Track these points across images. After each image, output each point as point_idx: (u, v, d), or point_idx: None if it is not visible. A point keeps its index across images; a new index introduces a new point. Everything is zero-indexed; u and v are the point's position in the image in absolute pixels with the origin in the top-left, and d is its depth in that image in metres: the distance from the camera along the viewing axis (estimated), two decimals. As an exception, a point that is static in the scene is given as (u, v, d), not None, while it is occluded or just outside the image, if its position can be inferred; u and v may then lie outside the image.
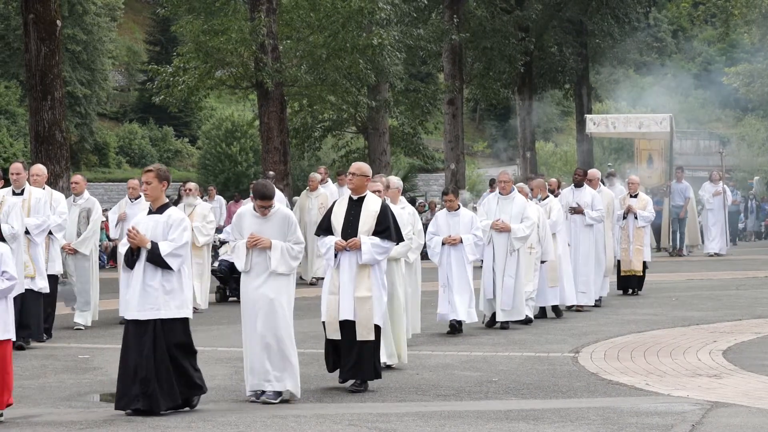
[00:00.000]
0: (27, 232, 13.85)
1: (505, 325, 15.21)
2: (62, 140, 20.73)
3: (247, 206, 10.61)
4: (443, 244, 14.49)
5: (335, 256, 10.81)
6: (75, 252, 15.69)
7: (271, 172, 23.41)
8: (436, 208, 16.02)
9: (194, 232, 17.04)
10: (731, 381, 10.93)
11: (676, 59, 64.60)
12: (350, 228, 10.82)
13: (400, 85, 33.89)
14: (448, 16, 34.45)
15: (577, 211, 17.56)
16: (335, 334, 10.75)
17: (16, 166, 14.26)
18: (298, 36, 28.23)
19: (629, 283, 19.62)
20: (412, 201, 37.29)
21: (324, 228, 11.05)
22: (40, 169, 14.79)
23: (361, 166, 11.13)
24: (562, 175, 38.88)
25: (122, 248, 9.88)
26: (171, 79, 27.32)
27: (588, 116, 31.86)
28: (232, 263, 18.10)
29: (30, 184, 14.28)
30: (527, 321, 15.63)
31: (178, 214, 9.92)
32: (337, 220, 10.94)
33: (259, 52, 26.21)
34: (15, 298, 9.72)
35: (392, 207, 11.96)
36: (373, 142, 32.90)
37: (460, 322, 14.60)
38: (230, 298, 19.30)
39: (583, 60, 40.39)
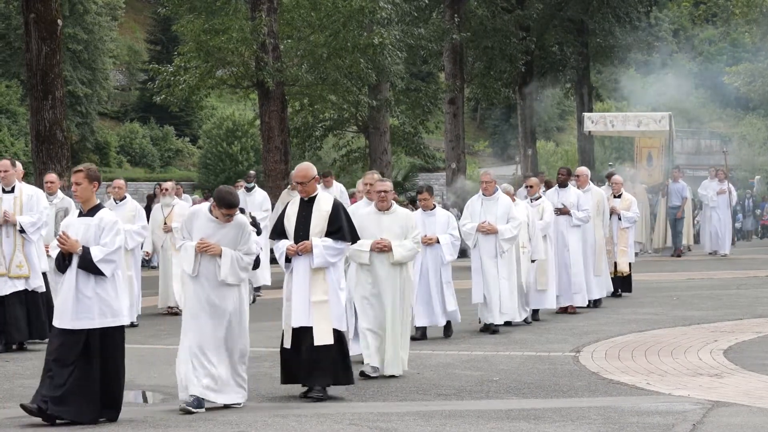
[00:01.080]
0: (22, 231, 13.75)
1: (495, 329, 14.78)
2: (63, 140, 20.73)
3: (202, 207, 10.23)
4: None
5: (289, 260, 10.42)
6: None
7: (252, 171, 22.59)
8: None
9: (174, 234, 16.82)
10: (732, 380, 10.92)
11: (677, 58, 64.57)
12: (302, 230, 10.40)
13: (401, 85, 33.89)
14: (449, 15, 34.44)
15: (562, 211, 16.97)
16: (289, 343, 10.37)
17: (4, 163, 14.01)
18: (299, 35, 28.23)
19: (613, 286, 18.85)
20: (412, 200, 37.32)
21: (278, 232, 10.63)
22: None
23: (306, 172, 10.56)
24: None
25: (53, 252, 9.49)
26: (172, 78, 27.32)
27: (586, 114, 31.48)
28: None
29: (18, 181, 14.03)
30: (526, 322, 15.58)
31: (110, 216, 9.48)
32: (290, 223, 10.52)
33: (260, 51, 26.21)
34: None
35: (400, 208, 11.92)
36: (374, 142, 32.91)
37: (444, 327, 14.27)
38: None
39: (584, 59, 40.39)
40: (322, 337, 10.21)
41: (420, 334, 14.03)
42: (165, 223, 17.68)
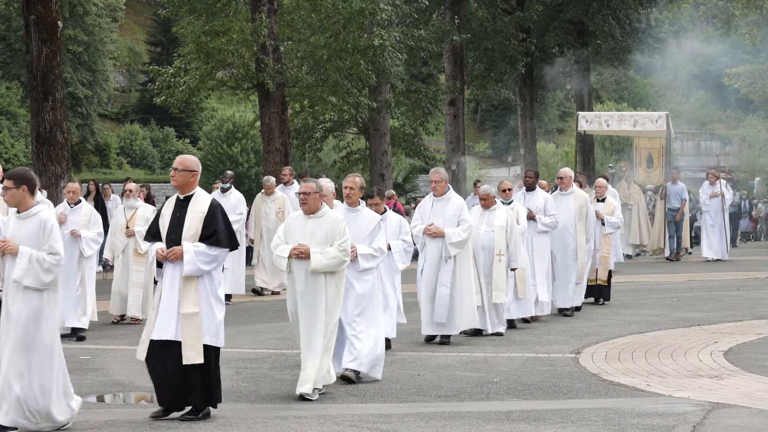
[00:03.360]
0: None
1: (445, 340, 13.79)
2: (63, 141, 20.75)
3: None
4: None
5: (160, 266, 9.39)
6: None
7: (229, 172, 21.39)
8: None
9: (137, 238, 16.19)
10: (732, 382, 10.92)
11: (677, 60, 64.59)
12: (174, 233, 9.37)
13: (401, 86, 33.92)
14: (449, 17, 34.47)
15: (528, 216, 15.73)
16: (143, 355, 9.35)
17: None
18: (300, 37, 28.26)
19: (592, 293, 17.95)
20: (408, 201, 37.33)
21: (152, 233, 9.60)
22: None
23: (185, 160, 9.63)
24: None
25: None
26: (172, 80, 27.33)
27: (580, 113, 30.25)
28: None
29: None
30: (497, 334, 14.46)
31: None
32: (164, 224, 9.48)
33: (260, 53, 26.22)
34: None
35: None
36: (374, 143, 32.94)
37: (388, 339, 12.78)
38: None
39: (584, 61, 40.41)
40: (190, 356, 9.16)
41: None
42: (127, 227, 16.47)
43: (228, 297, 19.06)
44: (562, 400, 10.26)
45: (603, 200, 18.35)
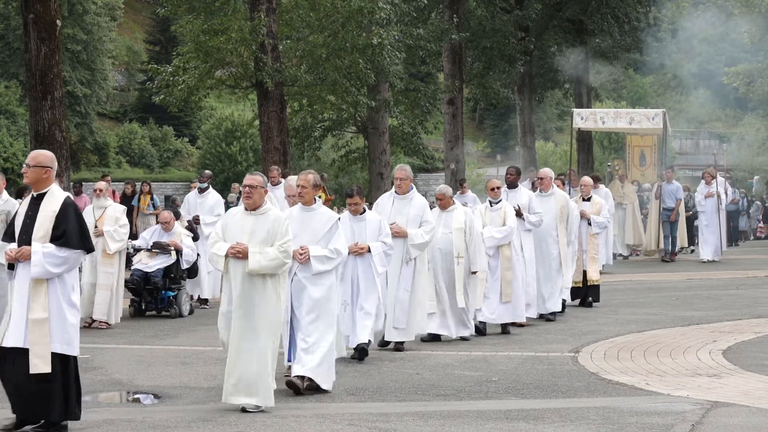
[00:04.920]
0: None
1: (399, 346, 13.25)
2: (62, 140, 20.70)
3: None
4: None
5: (12, 267, 8.94)
6: None
7: (207, 171, 20.72)
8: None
9: (105, 238, 15.97)
10: (731, 381, 10.93)
11: (676, 59, 64.64)
12: (25, 233, 8.89)
13: (400, 85, 33.92)
14: (448, 15, 34.45)
15: (517, 213, 15.26)
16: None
17: None
18: (298, 36, 28.23)
19: (578, 295, 17.64)
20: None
21: (9, 233, 9.13)
22: None
23: (38, 155, 9.10)
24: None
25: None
26: (171, 78, 27.31)
27: (575, 110, 29.69)
28: (146, 273, 17.15)
29: None
30: (465, 339, 13.92)
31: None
32: (18, 223, 9.04)
33: (259, 51, 26.20)
34: None
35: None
36: (372, 142, 32.94)
37: (366, 346, 12.40)
38: (147, 312, 17.37)
39: (582, 59, 40.40)
40: (37, 364, 8.60)
41: (357, 355, 12.44)
42: (96, 227, 15.95)
43: (205, 301, 18.79)
44: (561, 398, 10.26)
45: (589, 199, 17.97)
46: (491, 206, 14.99)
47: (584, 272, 17.61)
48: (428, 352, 13.18)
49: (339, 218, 11.11)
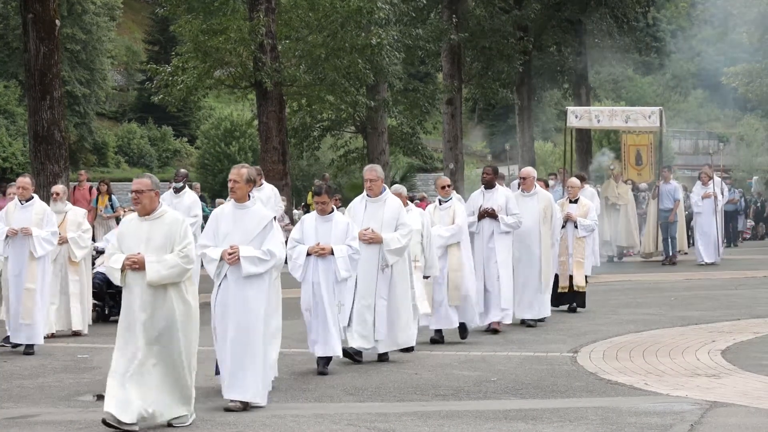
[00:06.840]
0: None
1: (384, 357, 12.52)
2: (61, 140, 20.72)
3: None
4: (308, 254, 11.56)
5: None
6: None
7: (182, 170, 19.74)
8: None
9: (70, 245, 15.32)
10: (730, 381, 10.93)
11: (675, 59, 64.66)
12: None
13: (399, 85, 33.91)
14: (447, 15, 34.46)
15: (490, 214, 14.73)
16: None
17: None
18: (297, 36, 28.24)
19: (565, 300, 17.05)
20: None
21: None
22: None
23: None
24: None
25: None
26: (170, 78, 27.33)
27: (569, 108, 29.01)
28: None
29: None
30: (409, 349, 13.00)
31: None
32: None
33: (258, 51, 26.21)
34: None
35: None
36: (371, 142, 32.93)
37: (329, 358, 11.70)
38: (111, 318, 16.48)
39: (581, 59, 40.42)
40: None
41: (322, 366, 11.72)
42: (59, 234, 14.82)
43: None
44: (560, 399, 10.26)
45: (576, 201, 17.39)
46: (440, 204, 14.25)
47: (570, 277, 17.02)
48: (427, 353, 13.18)
49: (275, 217, 10.21)
